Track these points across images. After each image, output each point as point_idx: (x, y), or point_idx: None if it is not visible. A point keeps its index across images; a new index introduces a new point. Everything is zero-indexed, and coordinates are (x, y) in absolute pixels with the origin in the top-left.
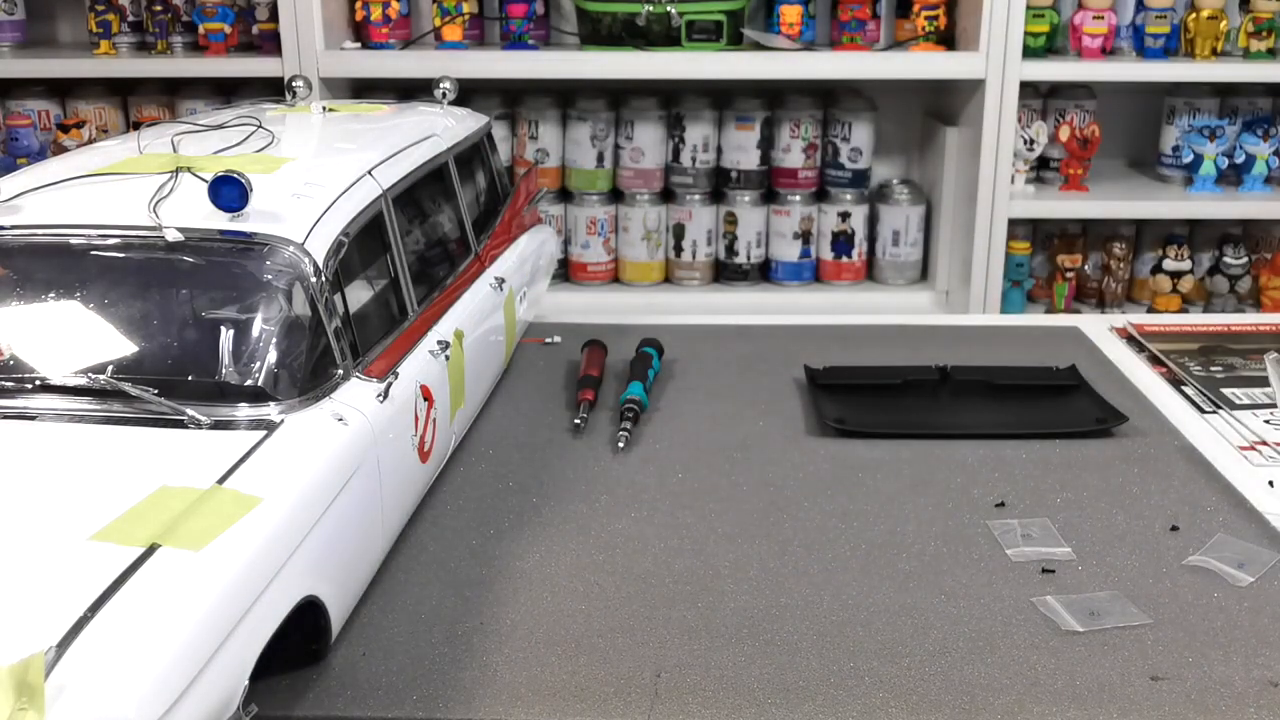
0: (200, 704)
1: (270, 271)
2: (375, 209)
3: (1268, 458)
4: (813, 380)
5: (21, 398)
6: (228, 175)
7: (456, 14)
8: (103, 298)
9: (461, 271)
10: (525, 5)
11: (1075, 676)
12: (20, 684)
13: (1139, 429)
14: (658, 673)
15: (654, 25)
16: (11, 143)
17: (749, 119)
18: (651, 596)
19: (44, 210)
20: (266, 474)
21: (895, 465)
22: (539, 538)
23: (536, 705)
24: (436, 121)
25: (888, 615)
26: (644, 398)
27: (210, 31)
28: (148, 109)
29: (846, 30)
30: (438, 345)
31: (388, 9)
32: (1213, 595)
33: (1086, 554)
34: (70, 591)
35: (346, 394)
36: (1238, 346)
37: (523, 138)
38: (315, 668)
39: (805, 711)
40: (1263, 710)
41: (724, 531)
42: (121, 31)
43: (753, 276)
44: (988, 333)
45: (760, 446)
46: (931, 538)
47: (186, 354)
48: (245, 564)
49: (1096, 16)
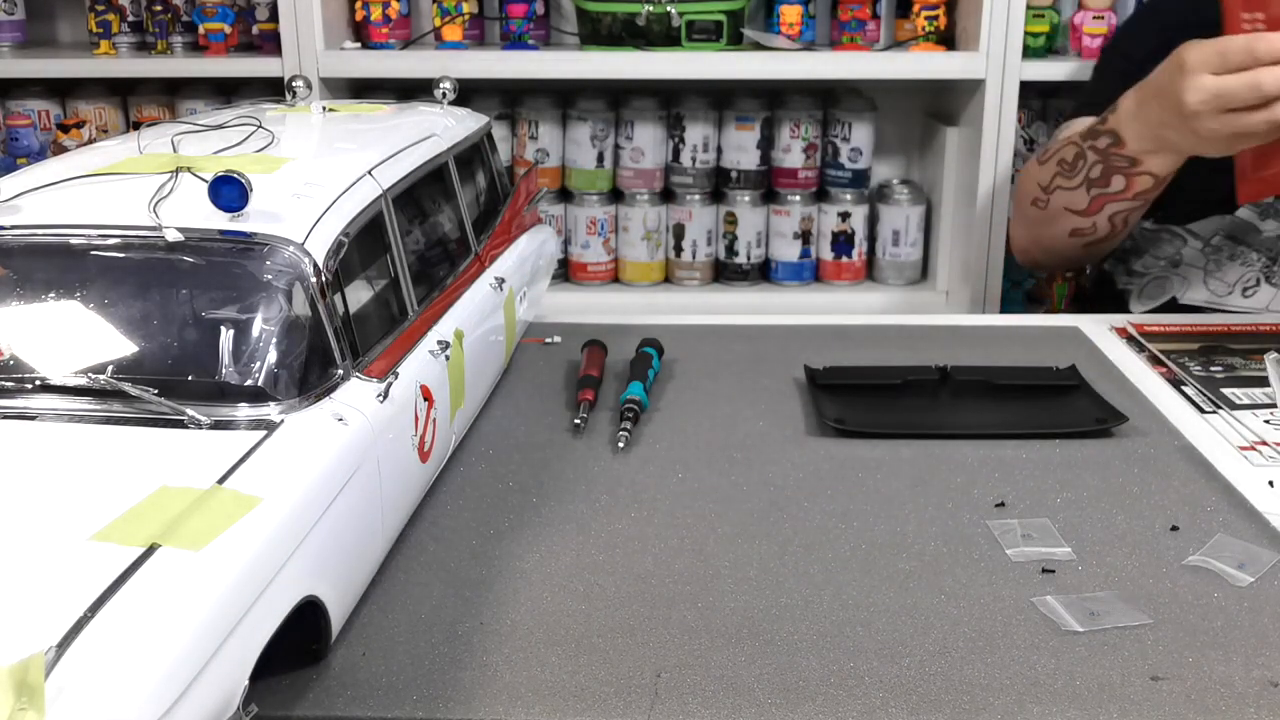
0: (200, 704)
1: (270, 271)
2: (375, 209)
3: (1268, 458)
4: (813, 380)
5: (21, 398)
6: (228, 175)
7: (456, 14)
8: (103, 298)
9: (461, 271)
10: (525, 5)
11: (1075, 676)
12: (20, 684)
13: (1139, 429)
14: (658, 673)
15: (654, 25)
16: (11, 143)
17: (749, 119)
18: (651, 596)
19: (44, 210)
20: (266, 474)
21: (895, 465)
22: (539, 538)
23: (536, 705)
24: (436, 121)
25: (888, 615)
26: (644, 398)
27: (210, 31)
28: (148, 109)
29: (846, 30)
30: (438, 345)
31: (388, 9)
32: (1213, 595)
33: (1086, 554)
34: (70, 591)
35: (346, 394)
36: (1238, 346)
37: (523, 138)
38: (315, 668)
39: (805, 711)
40: (1263, 710)
41: (724, 531)
42: (121, 31)
43: (753, 276)
44: (988, 333)
45: (760, 446)
46: (931, 538)
47: (186, 354)
48: (245, 564)
49: (1096, 16)
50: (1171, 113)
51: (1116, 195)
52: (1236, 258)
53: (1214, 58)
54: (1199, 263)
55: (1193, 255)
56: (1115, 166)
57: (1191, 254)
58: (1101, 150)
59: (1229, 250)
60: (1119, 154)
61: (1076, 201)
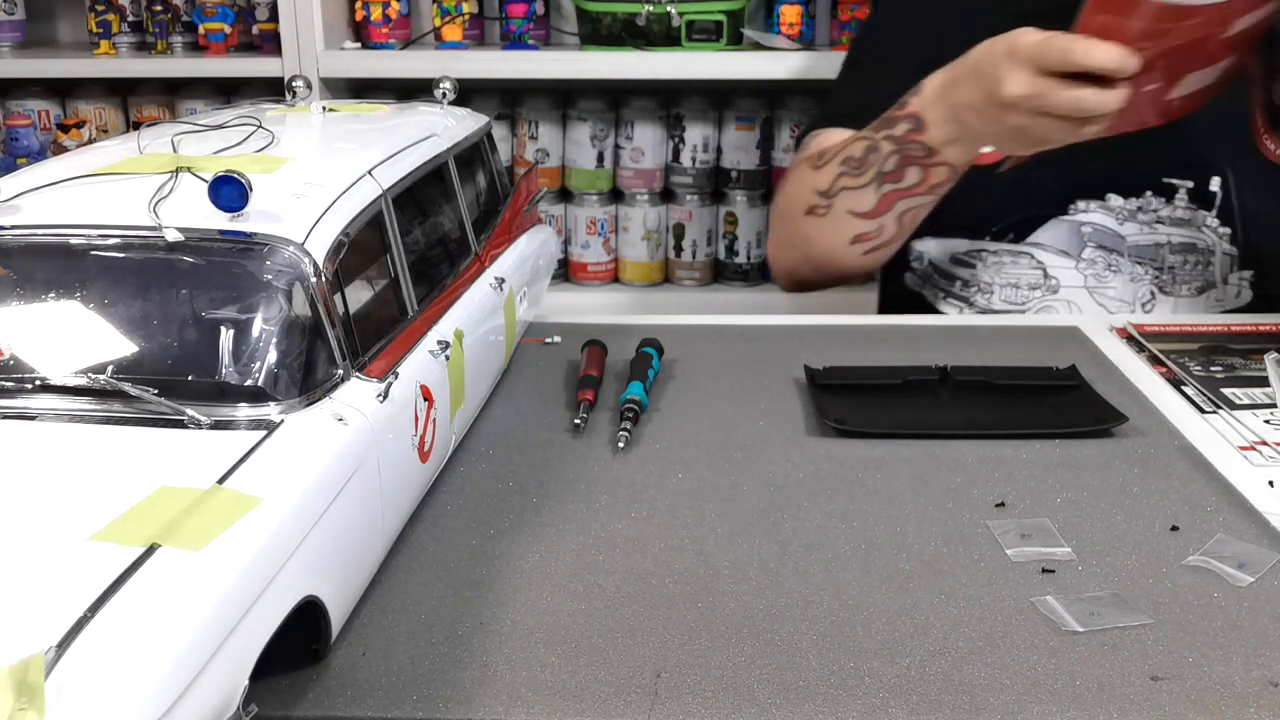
0: (200, 704)
1: (270, 271)
2: (375, 209)
3: (1268, 458)
4: (813, 380)
5: (21, 398)
6: (228, 175)
7: (456, 14)
8: (103, 298)
9: (461, 271)
10: (525, 5)
11: (1075, 676)
12: (20, 684)
13: (1139, 429)
14: (658, 673)
15: (654, 25)
16: (11, 143)
17: (749, 119)
18: (651, 596)
19: (44, 210)
20: (266, 474)
21: (895, 465)
22: (539, 538)
23: (536, 705)
24: (436, 121)
25: (888, 615)
26: (644, 398)
27: (210, 31)
28: (148, 109)
29: (846, 30)
30: (438, 345)
31: (388, 9)
32: (1213, 595)
33: (1086, 554)
34: (70, 591)
35: (346, 394)
36: (1238, 346)
37: (523, 138)
38: (315, 668)
39: (805, 711)
40: (1263, 710)
41: (724, 531)
42: (121, 31)
43: (753, 276)
44: (988, 333)
45: (760, 446)
46: (931, 538)
47: (186, 354)
48: (245, 564)
49: None
50: (984, 98)
51: (910, 189)
52: (1121, 271)
53: (1037, 52)
54: (1079, 283)
55: (1072, 277)
56: (912, 156)
57: (1071, 276)
58: (899, 138)
59: (1105, 261)
60: (917, 141)
61: (863, 202)
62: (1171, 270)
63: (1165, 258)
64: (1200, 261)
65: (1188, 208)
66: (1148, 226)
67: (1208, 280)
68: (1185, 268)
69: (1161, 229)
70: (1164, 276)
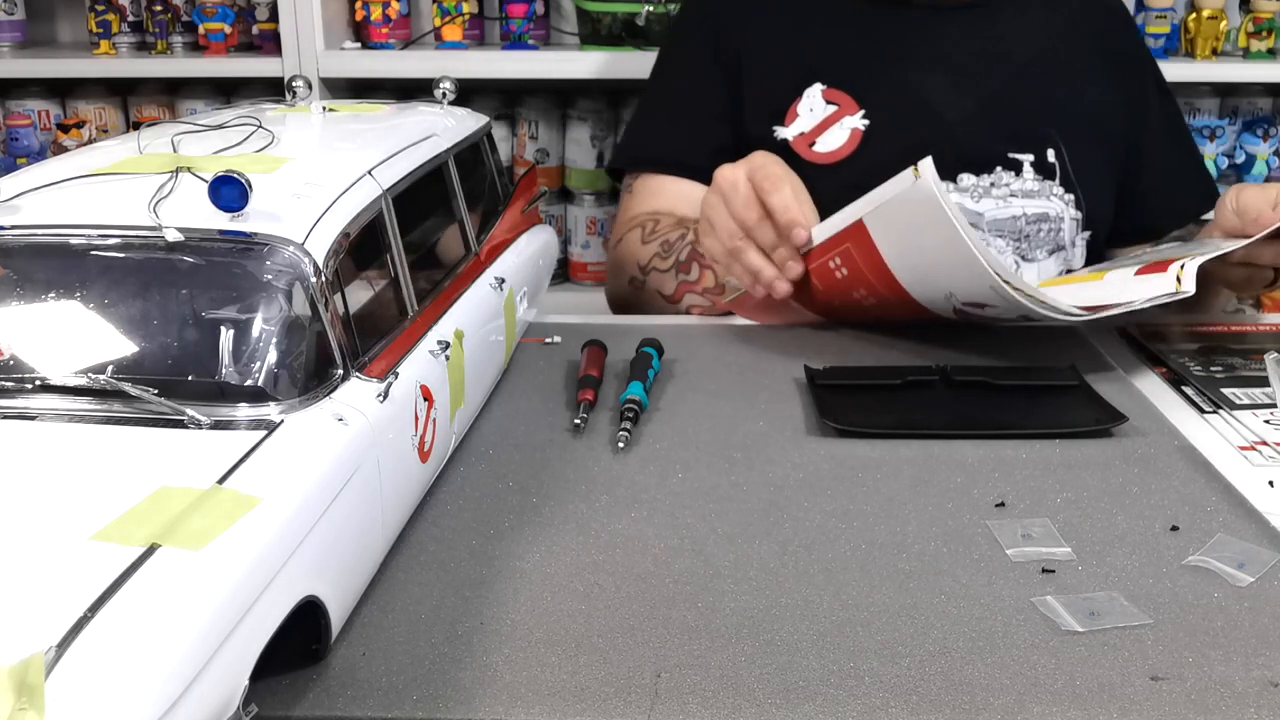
0: (200, 704)
1: (270, 271)
2: (375, 209)
3: (1268, 458)
4: (813, 380)
5: (21, 398)
6: (228, 175)
7: (456, 14)
8: (103, 298)
9: (461, 271)
10: (525, 5)
11: (1075, 676)
12: (20, 684)
13: (1139, 429)
14: (658, 673)
15: (654, 25)
16: (11, 143)
17: None
18: (651, 596)
19: (44, 210)
20: (266, 474)
21: (895, 465)
22: (539, 538)
23: (536, 705)
24: (436, 121)
25: (888, 615)
26: (644, 398)
27: (210, 31)
28: (148, 109)
29: None
30: (438, 345)
31: (388, 9)
32: (1213, 595)
33: (1086, 554)
34: (70, 591)
35: (346, 394)
36: (1238, 346)
37: (523, 138)
38: (315, 668)
39: (805, 711)
40: (1263, 710)
41: (724, 531)
42: (121, 31)
43: None
44: (988, 333)
45: (760, 446)
46: (931, 538)
47: (186, 354)
48: (246, 564)
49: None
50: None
51: (693, 284)
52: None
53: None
54: None
55: None
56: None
57: None
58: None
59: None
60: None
61: (666, 285)
62: (1028, 239)
63: (1022, 228)
64: (1053, 229)
65: (1036, 178)
66: (1002, 200)
67: (1058, 244)
68: (1039, 235)
69: (1015, 202)
70: (1023, 245)
